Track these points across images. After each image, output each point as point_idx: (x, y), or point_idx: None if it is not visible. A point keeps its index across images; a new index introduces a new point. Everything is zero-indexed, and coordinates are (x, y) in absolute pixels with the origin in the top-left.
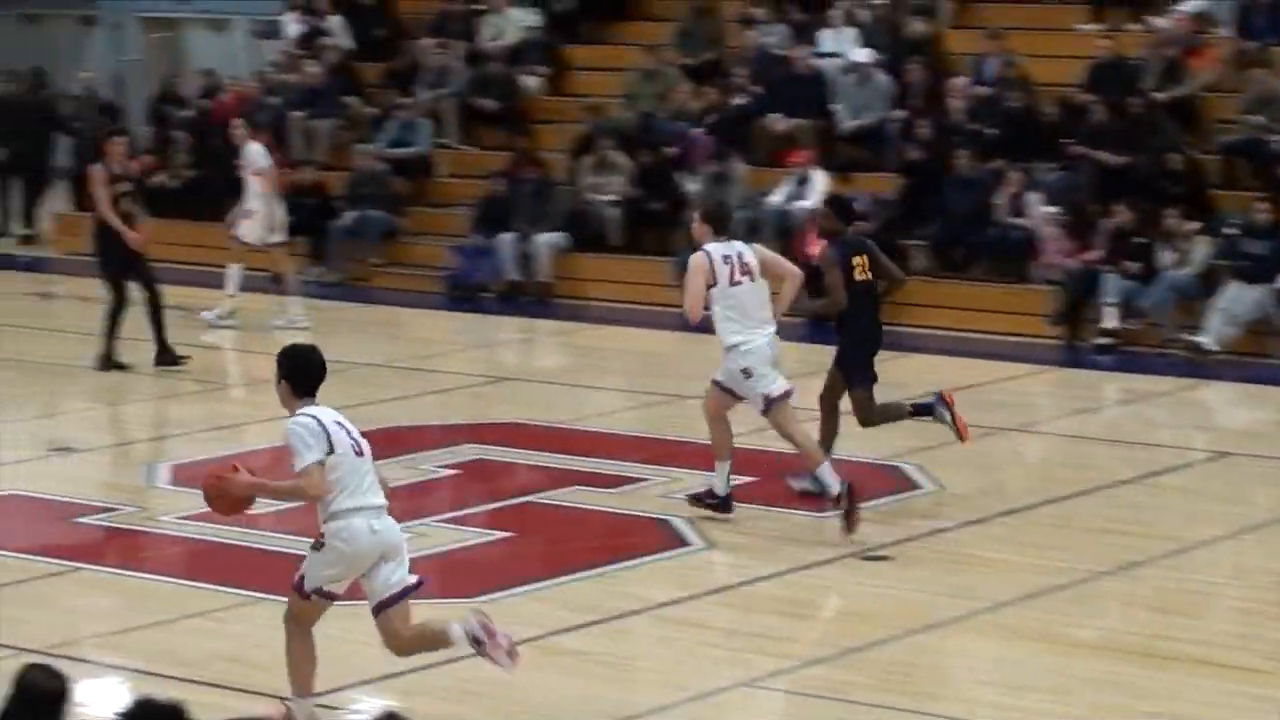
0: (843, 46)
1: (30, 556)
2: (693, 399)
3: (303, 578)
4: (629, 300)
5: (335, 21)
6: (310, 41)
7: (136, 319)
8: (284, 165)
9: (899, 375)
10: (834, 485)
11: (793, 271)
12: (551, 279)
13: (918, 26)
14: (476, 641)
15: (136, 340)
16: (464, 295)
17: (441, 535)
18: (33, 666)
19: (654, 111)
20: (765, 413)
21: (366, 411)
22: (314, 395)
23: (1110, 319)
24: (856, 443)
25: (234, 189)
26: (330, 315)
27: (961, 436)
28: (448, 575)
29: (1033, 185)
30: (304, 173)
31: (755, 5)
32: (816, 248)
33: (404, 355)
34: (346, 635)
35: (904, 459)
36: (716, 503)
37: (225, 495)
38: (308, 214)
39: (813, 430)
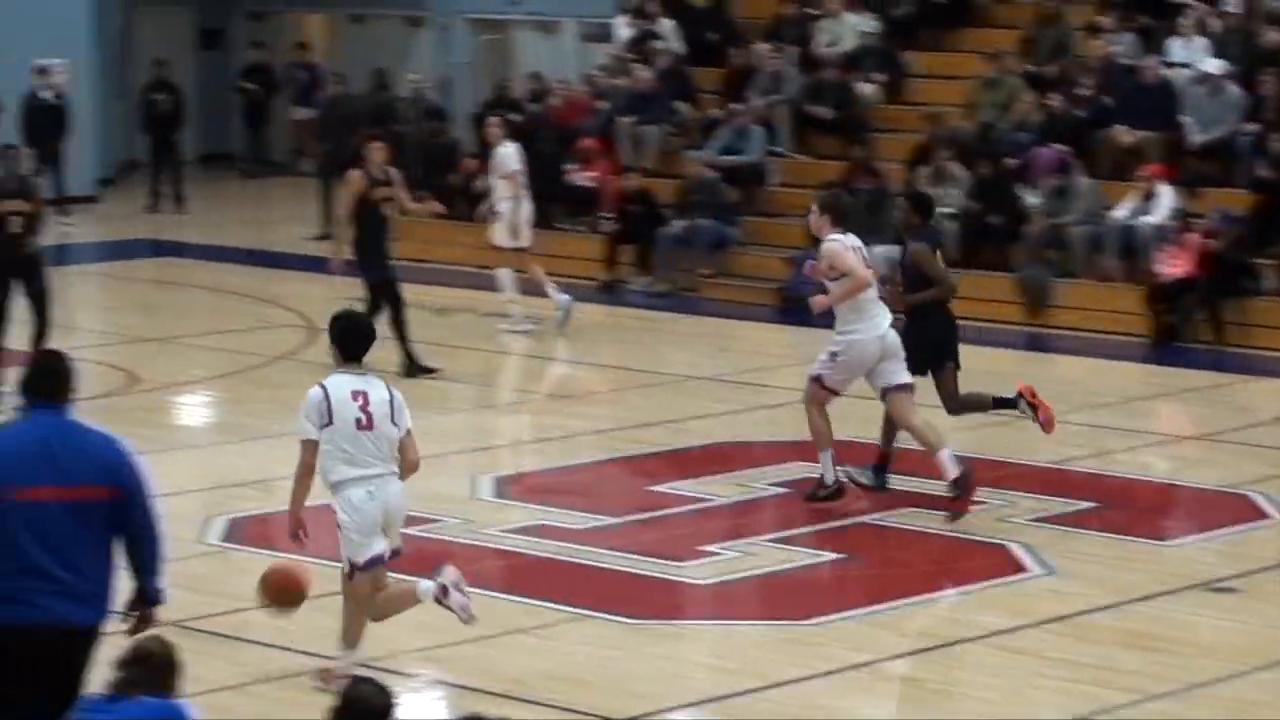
0: (1193, 56)
1: None
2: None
3: (349, 561)
4: (965, 316)
5: (667, 25)
6: (641, 45)
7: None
8: (611, 171)
9: (1248, 399)
10: (830, 476)
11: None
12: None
13: (1273, 36)
14: (443, 590)
15: (454, 346)
16: (796, 308)
17: (770, 555)
18: (360, 680)
19: (995, 121)
20: (811, 380)
21: (694, 426)
22: (359, 361)
23: None
24: (1204, 470)
25: (558, 195)
26: (657, 326)
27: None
28: (776, 596)
29: None
30: (631, 179)
31: (1102, 13)
32: (1173, 266)
33: (733, 369)
34: (673, 655)
35: (1252, 487)
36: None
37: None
38: (635, 222)
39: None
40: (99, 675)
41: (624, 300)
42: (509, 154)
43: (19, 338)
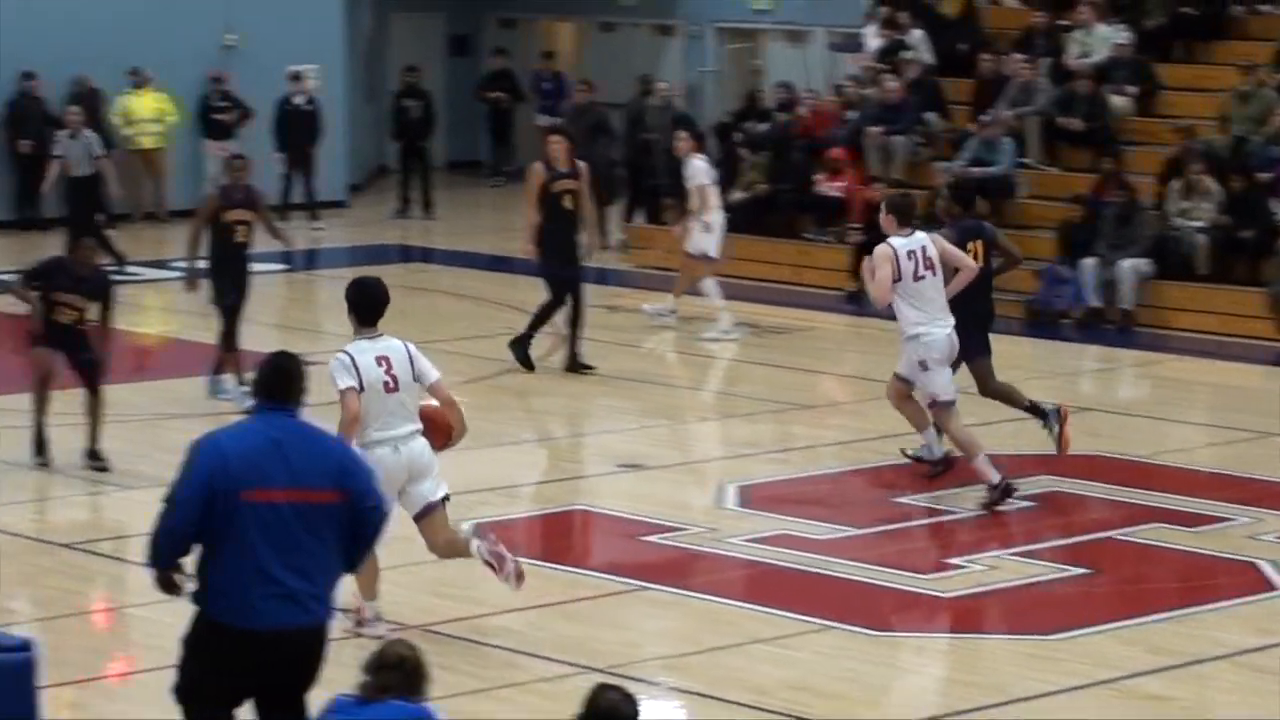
0: None
1: (599, 574)
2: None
3: None
4: (1216, 331)
5: (917, 35)
6: (891, 55)
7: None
8: (859, 182)
9: None
10: (993, 476)
11: (968, 265)
12: (1134, 307)
13: None
14: (489, 565)
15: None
16: (1044, 321)
17: (1014, 569)
18: (607, 688)
19: (1248, 135)
20: (930, 408)
21: None
22: (374, 325)
23: None
24: None
25: (806, 205)
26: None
27: (1060, 449)
28: (1019, 610)
29: None
30: (876, 190)
31: None
32: None
33: None
34: (915, 668)
35: None
36: (937, 463)
37: None
38: (882, 232)
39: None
40: (349, 678)
41: (870, 311)
42: (700, 167)
43: (253, 339)
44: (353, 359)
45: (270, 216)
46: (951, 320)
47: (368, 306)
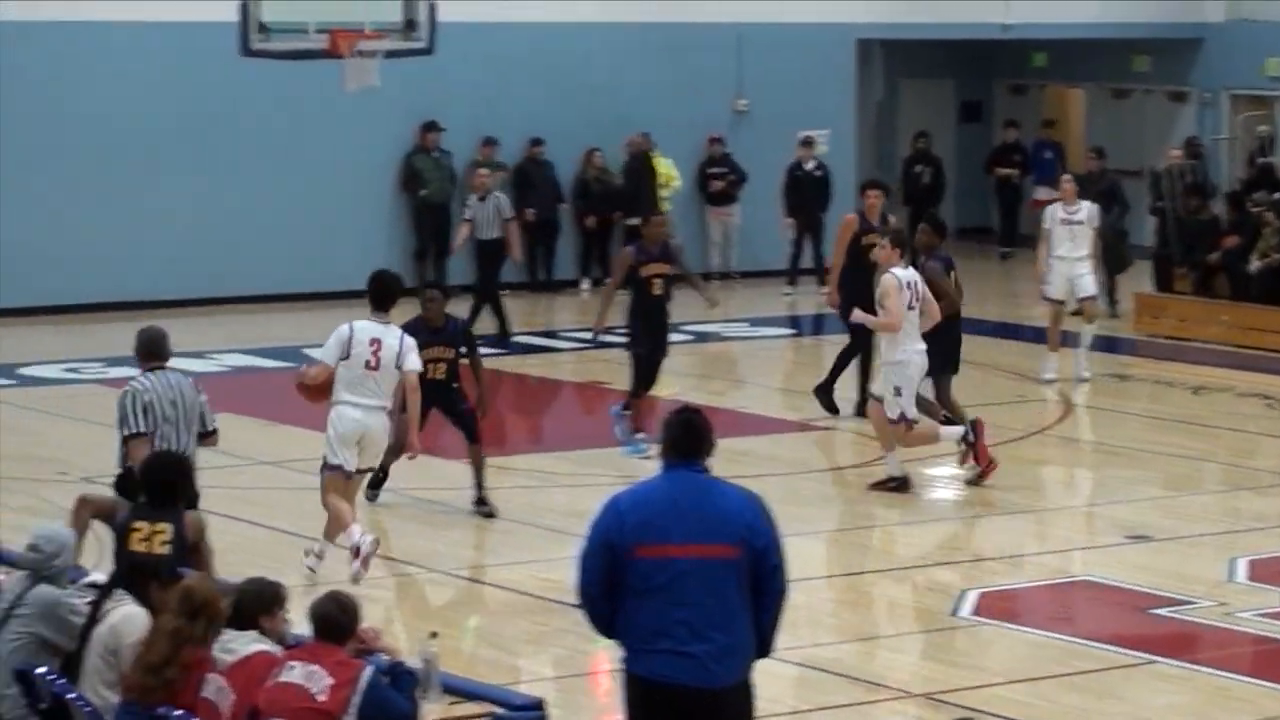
0: None
1: (1104, 646)
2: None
3: (323, 458)
4: None
5: None
6: None
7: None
8: None
9: None
10: (896, 470)
11: (934, 314)
12: None
13: None
14: (354, 552)
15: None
16: None
17: None
18: None
19: None
20: (897, 423)
21: None
22: (385, 310)
23: None
24: None
25: None
26: None
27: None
28: None
29: None
30: None
31: None
32: None
33: None
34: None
35: None
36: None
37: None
38: None
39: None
40: None
41: None
42: (1094, 211)
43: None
44: (351, 334)
45: (690, 272)
46: (923, 345)
47: (380, 295)
